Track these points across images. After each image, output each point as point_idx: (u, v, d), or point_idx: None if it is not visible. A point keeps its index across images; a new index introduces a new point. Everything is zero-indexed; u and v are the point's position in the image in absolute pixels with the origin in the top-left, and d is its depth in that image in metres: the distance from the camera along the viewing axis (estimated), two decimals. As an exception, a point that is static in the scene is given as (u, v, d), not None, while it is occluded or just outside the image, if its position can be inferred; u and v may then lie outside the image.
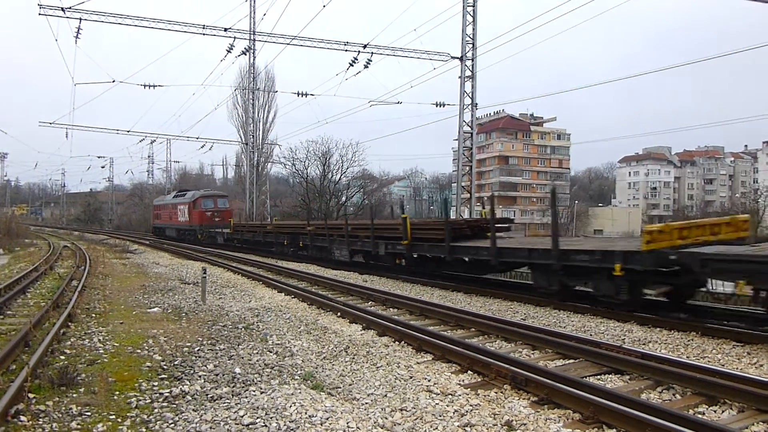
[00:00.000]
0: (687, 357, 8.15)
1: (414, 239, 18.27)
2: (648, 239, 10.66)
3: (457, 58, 30.08)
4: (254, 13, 40.40)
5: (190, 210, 42.39)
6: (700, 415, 5.72)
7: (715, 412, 5.88)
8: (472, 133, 31.25)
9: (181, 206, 44.77)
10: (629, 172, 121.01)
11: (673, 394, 6.47)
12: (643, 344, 9.02)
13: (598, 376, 7.25)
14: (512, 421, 5.47)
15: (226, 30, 32.22)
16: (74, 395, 6.05)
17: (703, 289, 14.49)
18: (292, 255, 27.84)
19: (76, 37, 27.45)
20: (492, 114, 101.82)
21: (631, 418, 5.15)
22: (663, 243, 10.70)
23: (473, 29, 29.67)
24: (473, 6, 29.55)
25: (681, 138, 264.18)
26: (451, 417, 5.56)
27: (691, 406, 6.00)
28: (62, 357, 7.74)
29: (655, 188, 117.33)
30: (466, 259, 16.81)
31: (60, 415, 5.47)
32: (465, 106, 30.25)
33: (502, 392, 6.45)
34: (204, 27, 31.20)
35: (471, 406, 5.87)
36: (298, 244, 27.32)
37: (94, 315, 11.18)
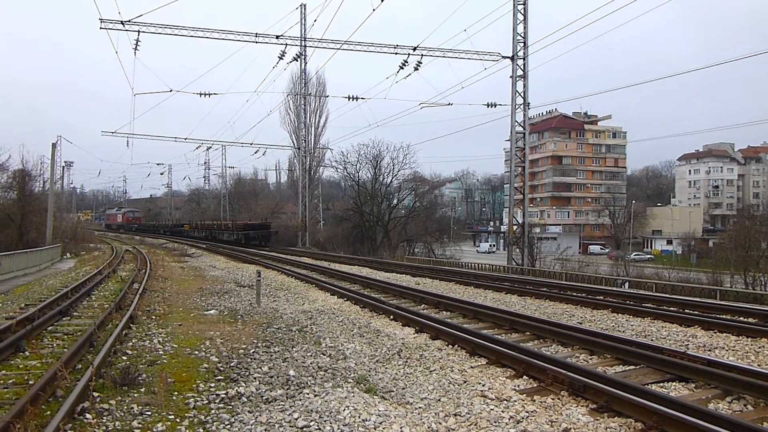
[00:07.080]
0: (758, 365, 7.74)
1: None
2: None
3: (508, 57, 29.69)
4: (305, 20, 41.21)
5: (122, 217, 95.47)
6: (774, 427, 5.39)
7: (791, 424, 5.53)
8: (524, 133, 30.78)
9: (119, 215, 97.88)
10: (689, 170, 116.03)
11: (744, 405, 6.13)
12: (709, 350, 8.62)
13: (661, 384, 6.96)
14: (570, 429, 5.29)
15: (278, 37, 32.79)
16: (135, 395, 6.23)
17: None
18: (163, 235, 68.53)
19: (135, 48, 28.39)
20: (544, 113, 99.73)
21: (699, 430, 4.88)
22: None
23: (524, 28, 29.26)
24: (524, 4, 29.13)
25: (745, 134, 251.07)
26: (507, 423, 5.43)
27: (766, 418, 5.66)
28: (124, 357, 8.00)
29: (717, 186, 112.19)
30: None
31: (122, 414, 5.63)
32: (517, 106, 29.83)
33: (559, 399, 6.26)
34: (257, 35, 31.83)
35: (527, 412, 5.72)
36: (159, 230, 74.26)
37: (154, 317, 11.54)
